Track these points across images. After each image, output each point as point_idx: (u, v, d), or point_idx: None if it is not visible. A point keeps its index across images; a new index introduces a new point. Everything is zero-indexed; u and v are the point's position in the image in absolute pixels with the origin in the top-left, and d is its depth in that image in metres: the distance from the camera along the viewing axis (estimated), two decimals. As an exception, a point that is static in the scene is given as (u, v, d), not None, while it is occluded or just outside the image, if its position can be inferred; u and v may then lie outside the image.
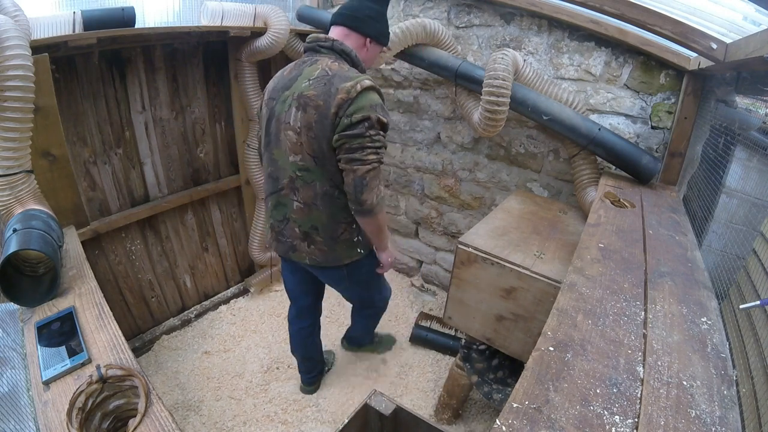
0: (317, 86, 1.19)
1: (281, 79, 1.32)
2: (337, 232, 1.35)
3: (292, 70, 1.32)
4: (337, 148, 1.21)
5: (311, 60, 1.29)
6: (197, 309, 2.42)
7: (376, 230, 1.37)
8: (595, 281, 0.96)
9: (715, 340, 0.80)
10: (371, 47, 1.36)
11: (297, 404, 1.91)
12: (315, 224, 1.34)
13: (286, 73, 1.33)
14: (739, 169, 1.39)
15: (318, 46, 1.30)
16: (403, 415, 1.08)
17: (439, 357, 2.21)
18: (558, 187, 2.09)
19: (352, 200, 1.26)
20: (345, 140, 1.18)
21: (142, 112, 1.93)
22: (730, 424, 0.62)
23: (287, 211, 1.37)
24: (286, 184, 1.33)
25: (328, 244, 1.36)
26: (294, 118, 1.23)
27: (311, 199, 1.30)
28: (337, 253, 1.39)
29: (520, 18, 1.91)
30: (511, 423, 0.61)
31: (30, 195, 1.27)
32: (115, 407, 0.91)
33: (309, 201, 1.31)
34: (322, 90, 1.18)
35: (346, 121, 1.16)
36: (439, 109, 2.31)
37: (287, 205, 1.36)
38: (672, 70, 1.66)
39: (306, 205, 1.32)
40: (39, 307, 1.11)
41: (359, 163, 1.19)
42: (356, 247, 1.41)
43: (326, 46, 1.29)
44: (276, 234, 1.44)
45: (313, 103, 1.19)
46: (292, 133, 1.25)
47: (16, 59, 1.12)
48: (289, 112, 1.24)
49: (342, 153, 1.20)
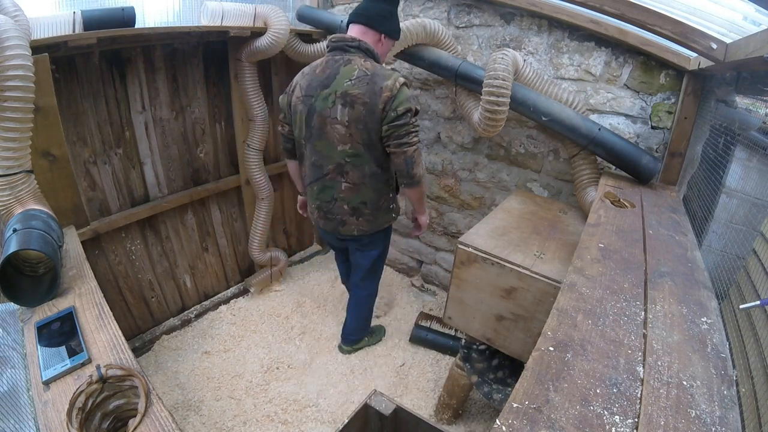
0: (360, 85, 1.43)
1: (315, 78, 1.52)
2: (380, 203, 1.66)
3: (325, 68, 1.51)
4: (386, 137, 1.47)
5: (343, 59, 1.48)
6: (197, 309, 2.42)
7: (420, 197, 1.68)
8: (595, 281, 0.96)
9: (715, 340, 0.80)
10: (385, 42, 1.58)
11: (297, 404, 1.91)
12: (364, 200, 1.62)
13: (318, 71, 1.52)
14: (739, 169, 1.39)
15: (346, 45, 1.49)
16: (403, 415, 1.08)
17: (439, 357, 2.21)
18: (558, 187, 2.09)
19: (403, 175, 1.54)
20: (394, 129, 1.45)
21: (142, 112, 1.93)
22: (730, 424, 0.62)
23: (334, 192, 1.62)
24: (331, 169, 1.57)
25: (373, 214, 1.66)
26: (341, 114, 1.46)
27: (360, 179, 1.57)
28: (379, 220, 1.70)
29: (520, 18, 1.91)
30: (511, 423, 0.61)
31: (30, 195, 1.27)
32: (115, 407, 0.91)
33: (358, 181, 1.58)
34: (367, 88, 1.42)
35: (393, 114, 1.42)
36: (439, 109, 2.31)
37: (334, 188, 1.61)
38: (672, 70, 1.66)
39: (355, 185, 1.59)
40: (39, 307, 1.11)
41: (407, 146, 1.47)
42: (392, 212, 1.74)
43: (354, 46, 1.49)
44: (324, 213, 1.69)
45: (360, 101, 1.43)
46: (340, 126, 1.48)
47: (16, 59, 1.12)
48: (335, 109, 1.47)
49: (391, 140, 1.47)
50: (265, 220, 2.45)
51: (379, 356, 2.20)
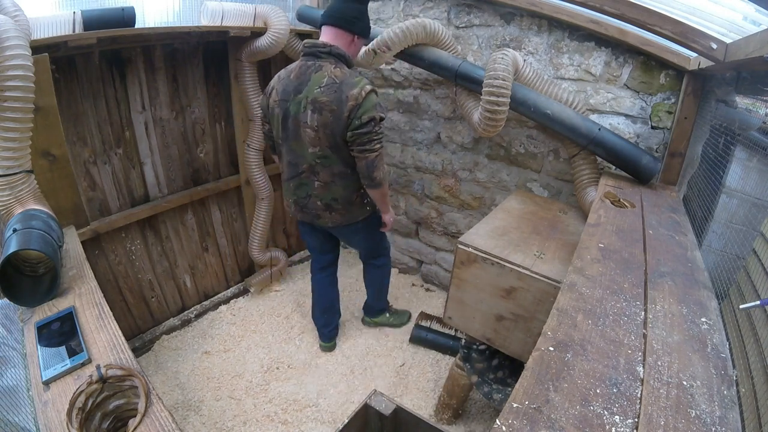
0: (329, 93, 1.49)
1: (289, 83, 1.58)
2: (351, 198, 1.74)
3: (299, 74, 1.56)
4: (350, 142, 1.55)
5: (315, 65, 1.54)
6: (197, 309, 2.42)
7: (381, 197, 1.77)
8: (595, 281, 0.96)
9: (715, 340, 0.80)
10: (357, 42, 1.64)
11: (297, 404, 1.91)
12: (335, 197, 1.71)
13: (292, 76, 1.58)
14: (739, 169, 1.38)
15: (318, 51, 1.54)
16: (403, 415, 1.08)
17: (439, 357, 2.21)
18: (558, 187, 2.09)
19: (364, 177, 1.63)
20: (357, 136, 1.52)
21: (142, 112, 1.93)
22: (730, 424, 0.62)
23: (309, 189, 1.71)
24: (306, 168, 1.66)
25: (346, 208, 1.75)
26: (311, 119, 1.54)
27: (330, 178, 1.66)
28: (353, 213, 1.79)
29: (520, 18, 1.91)
30: (511, 423, 0.61)
31: (30, 195, 1.27)
32: (115, 407, 0.91)
33: (328, 180, 1.67)
34: (334, 96, 1.49)
35: (357, 122, 1.50)
36: (439, 109, 2.31)
37: (308, 185, 1.70)
38: (672, 70, 1.66)
39: (326, 184, 1.68)
40: (39, 307, 1.11)
41: (368, 152, 1.56)
42: (366, 206, 1.82)
43: (325, 52, 1.54)
44: (300, 207, 1.79)
45: (327, 108, 1.50)
46: (310, 130, 1.56)
47: (16, 59, 1.12)
48: (305, 114, 1.54)
49: (355, 145, 1.55)
50: (265, 220, 2.45)
51: (379, 356, 2.21)
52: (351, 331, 2.37)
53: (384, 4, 2.31)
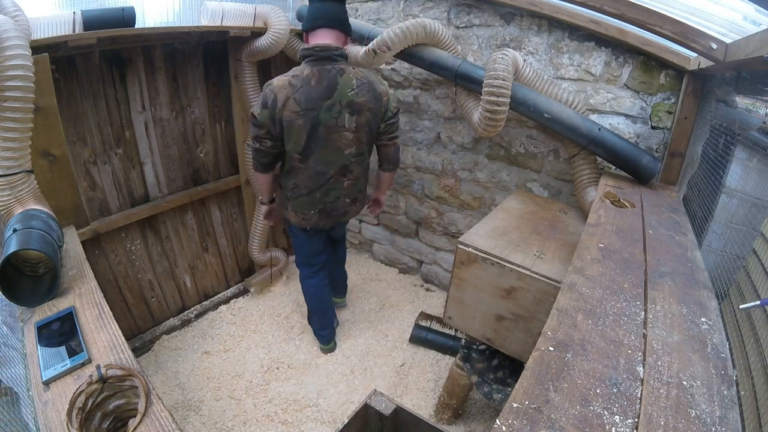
0: (364, 93, 1.59)
1: (312, 90, 1.53)
2: (367, 185, 1.89)
3: (320, 79, 1.54)
4: (382, 132, 1.72)
5: (335, 69, 1.56)
6: (197, 309, 2.42)
7: (391, 179, 1.95)
8: (595, 281, 0.96)
9: (715, 340, 0.80)
10: (349, 42, 1.74)
11: (297, 404, 1.91)
12: (360, 188, 1.85)
13: (313, 83, 1.53)
14: (739, 169, 1.38)
15: (333, 55, 1.56)
16: (403, 415, 1.08)
17: (439, 357, 2.21)
18: (558, 187, 2.09)
19: (392, 162, 1.84)
20: (389, 126, 1.71)
21: (142, 112, 1.93)
22: (730, 424, 0.62)
23: (338, 191, 1.76)
24: (334, 173, 1.70)
25: (365, 194, 1.92)
26: (348, 122, 1.60)
27: (361, 173, 1.79)
28: (365, 198, 1.96)
29: (520, 18, 1.91)
30: (511, 423, 0.61)
31: (30, 195, 1.27)
32: (115, 407, 0.91)
33: (359, 176, 1.78)
34: (370, 96, 1.60)
35: (389, 114, 1.68)
36: (439, 109, 2.31)
37: (337, 188, 1.75)
38: (672, 70, 1.65)
39: (356, 179, 1.78)
40: (39, 307, 1.11)
41: (396, 138, 1.77)
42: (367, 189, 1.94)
43: (339, 54, 1.58)
44: (327, 213, 1.80)
45: (366, 107, 1.60)
46: (348, 133, 1.63)
47: (16, 59, 1.12)
48: (342, 118, 1.59)
49: (386, 134, 1.73)
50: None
51: (379, 356, 2.21)
52: (351, 331, 2.37)
53: (384, 4, 2.31)
